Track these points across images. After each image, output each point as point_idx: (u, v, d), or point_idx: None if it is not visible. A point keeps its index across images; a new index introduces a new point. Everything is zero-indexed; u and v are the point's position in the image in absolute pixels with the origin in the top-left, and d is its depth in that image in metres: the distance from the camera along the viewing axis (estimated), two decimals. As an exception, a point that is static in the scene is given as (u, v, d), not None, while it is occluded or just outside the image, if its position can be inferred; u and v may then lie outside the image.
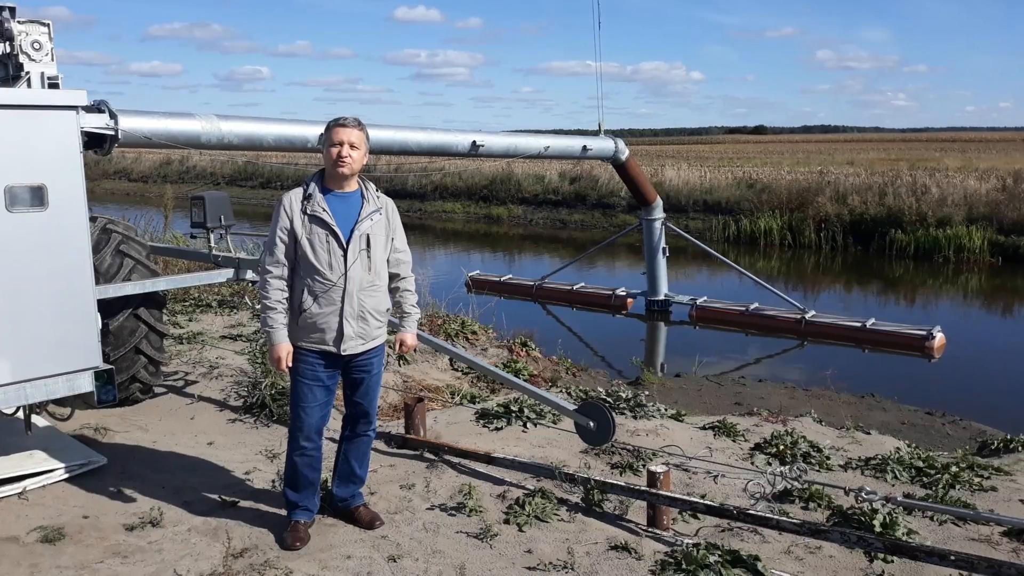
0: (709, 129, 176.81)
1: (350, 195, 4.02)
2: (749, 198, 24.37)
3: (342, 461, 4.36)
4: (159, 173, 42.79)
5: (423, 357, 8.45)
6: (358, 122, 3.99)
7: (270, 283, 3.94)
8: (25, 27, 4.81)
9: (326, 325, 3.96)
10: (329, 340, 3.99)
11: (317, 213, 3.91)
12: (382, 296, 4.11)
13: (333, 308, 3.95)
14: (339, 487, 4.39)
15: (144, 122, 6.06)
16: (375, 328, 4.09)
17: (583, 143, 11.59)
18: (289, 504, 4.24)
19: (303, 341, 4.00)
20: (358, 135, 3.95)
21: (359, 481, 4.41)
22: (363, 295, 3.99)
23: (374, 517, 4.36)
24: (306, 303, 3.94)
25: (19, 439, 5.13)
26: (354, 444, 4.33)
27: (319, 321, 3.95)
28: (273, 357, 3.97)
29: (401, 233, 4.20)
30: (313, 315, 3.94)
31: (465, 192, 31.52)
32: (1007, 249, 19.10)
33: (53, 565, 3.90)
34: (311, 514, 4.26)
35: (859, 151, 50.61)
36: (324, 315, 3.95)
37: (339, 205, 3.97)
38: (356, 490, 4.41)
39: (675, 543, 4.17)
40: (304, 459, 4.15)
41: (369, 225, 3.99)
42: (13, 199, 4.27)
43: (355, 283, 3.96)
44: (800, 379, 10.07)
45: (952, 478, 5.18)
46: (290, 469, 4.21)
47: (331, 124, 3.97)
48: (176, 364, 7.55)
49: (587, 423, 5.05)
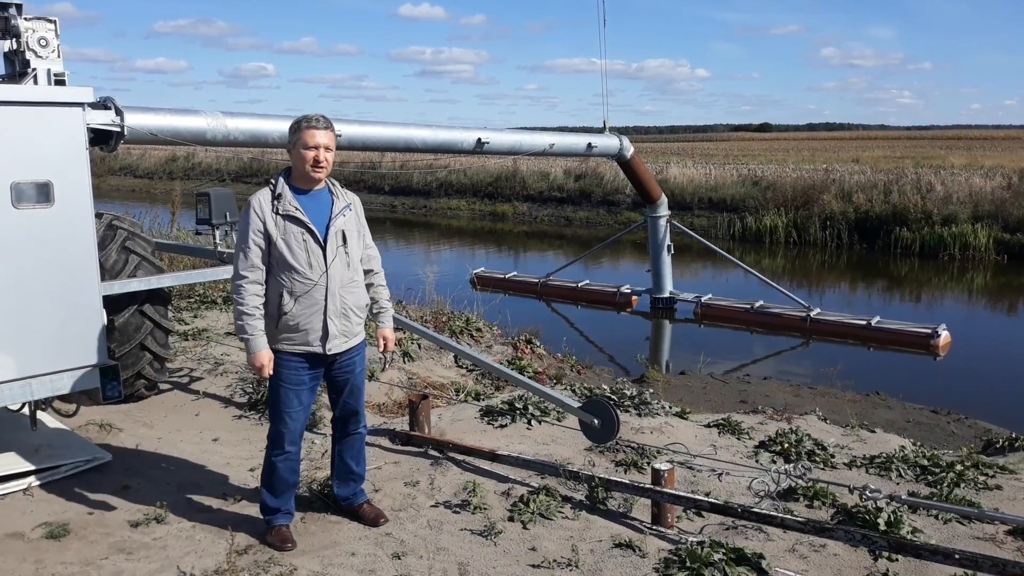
0: (714, 126, 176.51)
1: (319, 193, 3.96)
2: (754, 196, 24.33)
3: (339, 461, 4.32)
4: (164, 169, 42.87)
5: (428, 354, 8.46)
6: (328, 122, 3.91)
7: (246, 288, 3.81)
8: (32, 24, 4.82)
9: (309, 325, 3.90)
10: (313, 340, 3.92)
11: (290, 212, 3.83)
12: (361, 292, 4.08)
13: (316, 307, 3.89)
14: (340, 487, 4.36)
15: (150, 119, 6.07)
16: (356, 325, 4.07)
17: (588, 140, 11.58)
18: (269, 510, 4.12)
19: (284, 344, 3.91)
20: (330, 136, 3.89)
21: (359, 479, 4.38)
22: (344, 292, 3.96)
23: (378, 514, 4.35)
24: (286, 305, 3.85)
25: (24, 435, 5.15)
26: (348, 443, 4.29)
27: (302, 322, 3.88)
28: (256, 364, 3.86)
29: (367, 229, 4.20)
30: (295, 316, 3.87)
31: (470, 189, 31.52)
32: (1012, 247, 19.05)
33: (58, 561, 3.91)
34: (292, 516, 4.20)
35: (864, 149, 50.48)
36: (306, 315, 3.88)
37: (310, 204, 3.89)
38: (357, 487, 4.39)
39: (679, 541, 4.17)
40: (288, 464, 4.08)
41: (343, 221, 3.97)
42: (19, 195, 4.28)
43: (336, 280, 3.92)
44: (805, 377, 10.06)
45: (957, 477, 5.17)
46: (270, 474, 4.09)
47: (302, 125, 3.85)
48: (181, 361, 7.57)
49: (592, 420, 5.05)
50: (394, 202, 32.55)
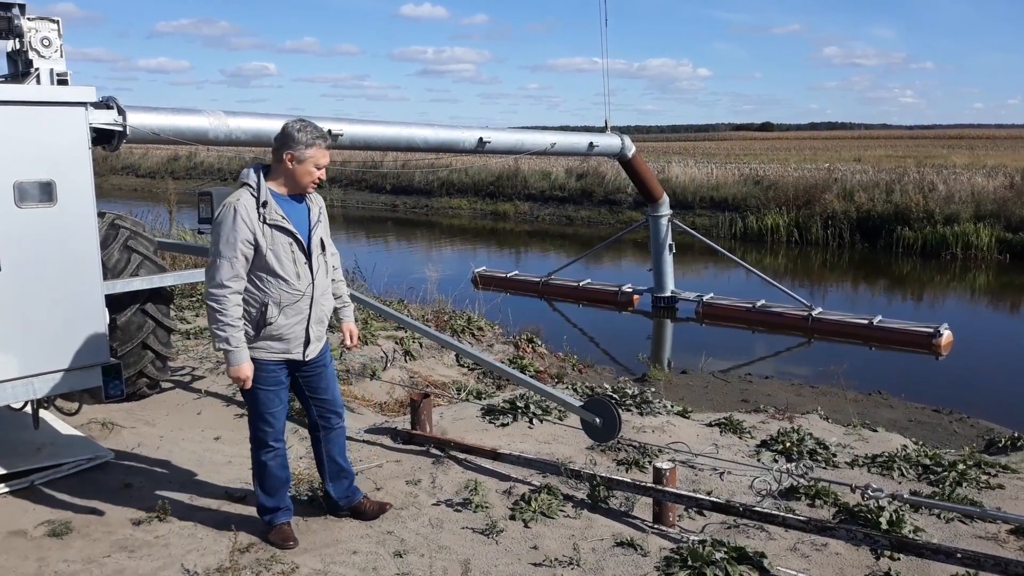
0: (716, 126, 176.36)
1: (295, 198, 3.88)
2: (756, 195, 24.32)
3: (328, 462, 4.25)
4: (167, 169, 42.87)
5: (429, 353, 8.47)
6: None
7: (229, 299, 3.68)
8: (35, 24, 4.83)
9: (292, 335, 3.86)
10: (294, 348, 3.89)
11: (278, 222, 3.73)
12: (331, 296, 4.10)
13: (300, 317, 3.86)
14: (335, 487, 4.30)
15: (152, 118, 6.08)
16: (326, 328, 4.08)
17: (589, 140, 11.59)
18: (266, 510, 4.09)
19: (261, 353, 3.84)
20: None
21: (349, 475, 4.35)
22: (324, 299, 3.96)
23: (381, 505, 4.34)
24: (271, 316, 3.77)
25: (27, 433, 5.16)
26: (331, 438, 4.23)
27: (285, 332, 3.84)
28: (240, 377, 3.76)
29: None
30: (280, 327, 3.81)
31: (472, 188, 31.53)
32: (1015, 246, 19.02)
33: (60, 559, 3.92)
34: (291, 512, 4.17)
35: (866, 148, 50.44)
36: (291, 325, 3.84)
37: (290, 210, 3.81)
38: (351, 484, 4.35)
39: (681, 540, 4.17)
40: (277, 460, 4.05)
41: (321, 228, 3.94)
42: (22, 195, 4.29)
43: (319, 289, 3.91)
44: (807, 376, 10.06)
45: (959, 476, 5.17)
46: (262, 475, 4.06)
47: (316, 141, 3.78)
48: (183, 359, 7.58)
49: (593, 419, 5.05)
50: (396, 201, 32.58)
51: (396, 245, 23.88)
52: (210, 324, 3.76)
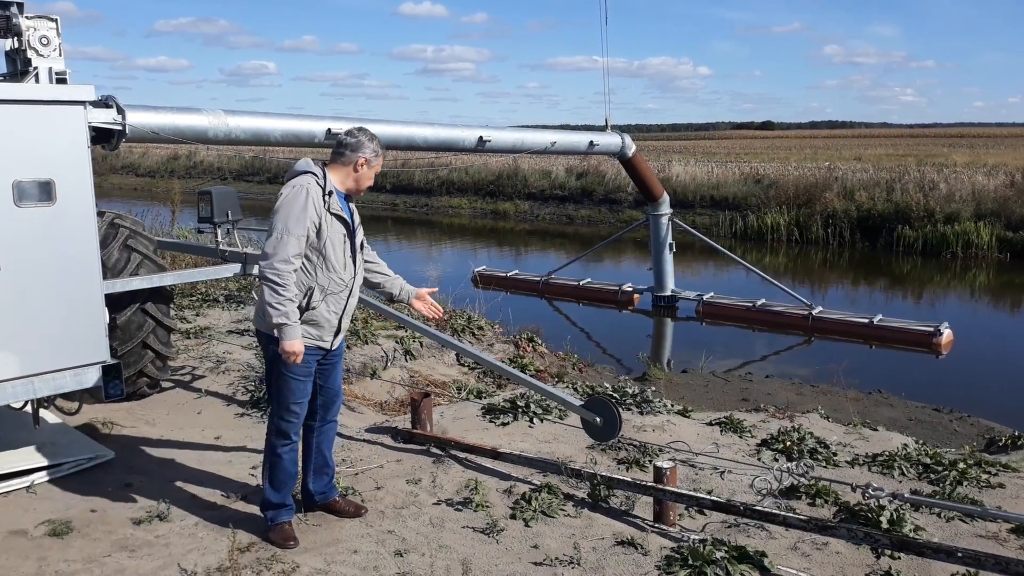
0: (716, 124, 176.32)
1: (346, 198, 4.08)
2: (756, 194, 24.30)
3: (316, 454, 4.27)
4: (166, 168, 42.86)
5: (429, 352, 8.46)
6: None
7: (288, 276, 3.73)
8: (33, 23, 4.82)
9: (328, 323, 3.97)
10: (327, 336, 4.01)
11: (339, 212, 3.92)
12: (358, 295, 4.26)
13: (340, 306, 4.01)
14: (315, 480, 4.31)
15: (151, 117, 6.07)
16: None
17: (590, 139, 11.58)
18: (271, 505, 4.09)
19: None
20: None
21: (331, 470, 4.37)
22: (357, 295, 4.14)
23: (357, 507, 4.36)
24: (315, 302, 3.89)
25: (27, 433, 5.16)
26: (325, 432, 4.28)
27: (322, 320, 3.94)
28: (294, 351, 3.78)
29: None
30: (319, 314, 3.92)
31: (472, 187, 31.50)
32: (1015, 245, 19.00)
33: (61, 558, 3.92)
34: (293, 511, 4.18)
35: (867, 147, 50.43)
36: (330, 314, 3.96)
37: (344, 207, 4.02)
38: (330, 481, 4.36)
39: (681, 539, 4.17)
40: (292, 455, 4.09)
41: (361, 230, 4.14)
42: (21, 194, 4.28)
43: (358, 283, 4.11)
44: (807, 375, 10.05)
45: (959, 475, 5.17)
46: (274, 468, 4.06)
47: (379, 151, 4.04)
48: (183, 359, 7.57)
49: (593, 419, 5.05)
50: (395, 200, 32.54)
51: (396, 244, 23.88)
52: (267, 297, 3.75)
